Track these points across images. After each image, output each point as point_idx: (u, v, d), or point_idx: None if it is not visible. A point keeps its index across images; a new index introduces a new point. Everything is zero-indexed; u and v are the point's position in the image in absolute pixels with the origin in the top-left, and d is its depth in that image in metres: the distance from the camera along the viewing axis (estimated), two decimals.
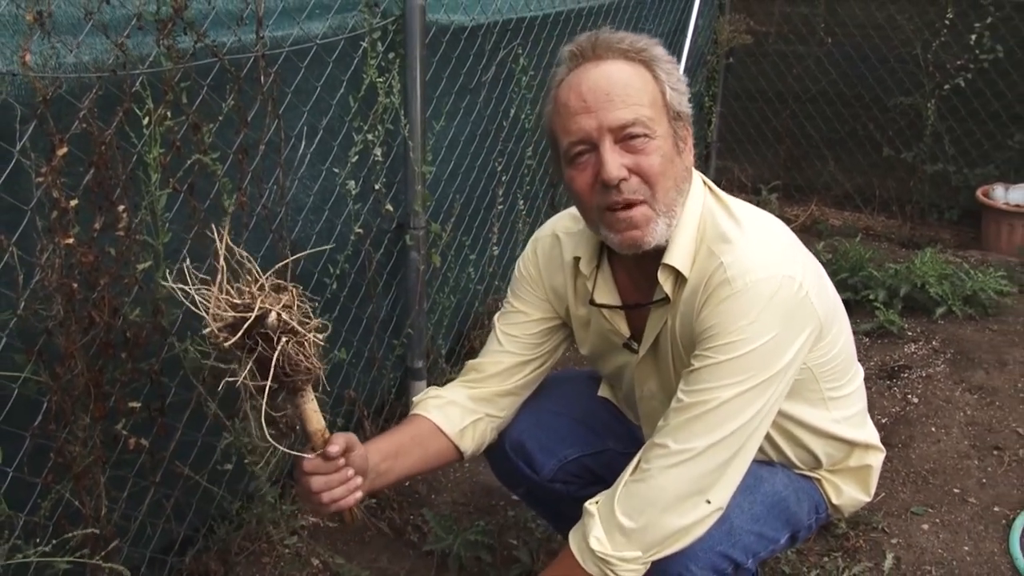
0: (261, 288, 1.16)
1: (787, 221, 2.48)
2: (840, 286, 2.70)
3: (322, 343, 1.20)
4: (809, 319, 1.35)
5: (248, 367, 1.15)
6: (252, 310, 1.12)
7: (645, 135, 1.33)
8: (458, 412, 1.58)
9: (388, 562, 2.11)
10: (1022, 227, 4.06)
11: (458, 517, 2.23)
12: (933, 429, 2.65)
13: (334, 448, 1.29)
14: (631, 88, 1.33)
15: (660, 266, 1.39)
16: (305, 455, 1.31)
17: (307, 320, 1.18)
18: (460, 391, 1.62)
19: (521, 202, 3.06)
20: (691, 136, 1.43)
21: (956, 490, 2.37)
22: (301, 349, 1.17)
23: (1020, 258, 3.93)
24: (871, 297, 3.37)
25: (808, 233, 4.35)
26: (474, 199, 2.81)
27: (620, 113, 1.32)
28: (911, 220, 4.43)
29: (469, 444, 1.57)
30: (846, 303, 1.72)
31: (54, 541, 1.52)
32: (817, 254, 2.38)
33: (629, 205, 1.34)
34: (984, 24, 4.01)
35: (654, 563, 1.34)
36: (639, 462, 1.37)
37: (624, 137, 1.32)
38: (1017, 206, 4.04)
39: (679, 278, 1.39)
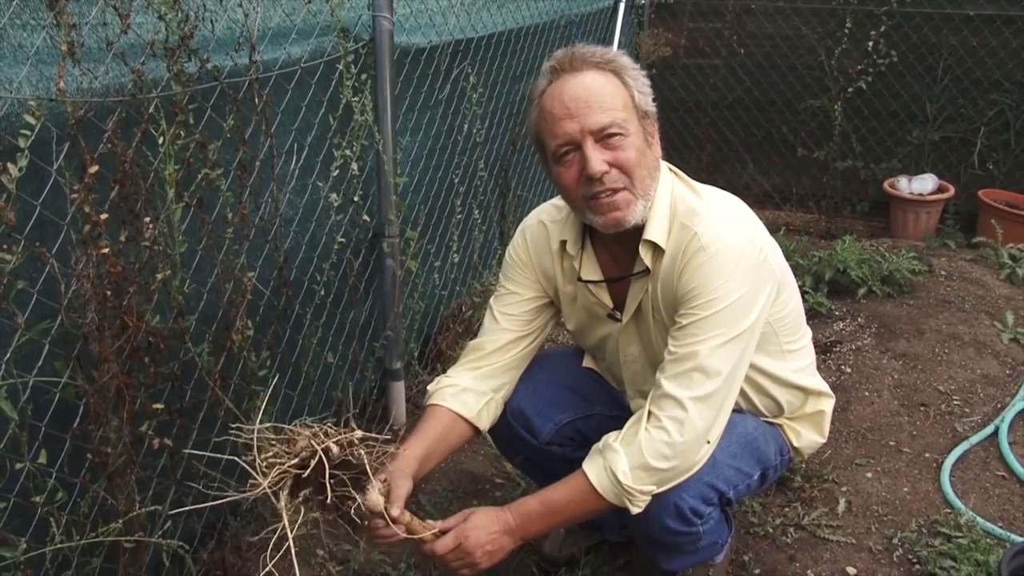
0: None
1: None
2: None
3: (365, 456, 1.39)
4: (769, 277, 1.59)
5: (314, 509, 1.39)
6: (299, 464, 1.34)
7: (620, 134, 1.54)
8: (472, 397, 1.76)
9: (389, 546, 2.25)
10: (925, 214, 4.45)
11: (451, 501, 2.39)
12: (867, 393, 2.94)
13: (400, 516, 1.49)
14: (605, 95, 1.55)
15: (641, 241, 1.61)
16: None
17: (347, 447, 1.36)
18: (466, 375, 1.79)
19: (476, 211, 3.25)
20: (657, 131, 1.66)
21: (892, 443, 2.65)
22: (350, 479, 1.36)
23: (925, 242, 4.31)
24: (799, 283, 3.65)
25: None
26: (436, 209, 2.99)
27: (598, 117, 1.53)
28: (827, 214, 4.79)
29: (486, 422, 1.77)
30: None
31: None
32: None
33: (613, 192, 1.55)
34: (879, 32, 4.41)
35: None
36: (652, 411, 1.56)
37: (603, 137, 1.54)
38: (920, 195, 4.42)
39: (657, 250, 1.61)
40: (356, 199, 2.39)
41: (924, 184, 4.45)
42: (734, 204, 1.67)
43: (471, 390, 1.76)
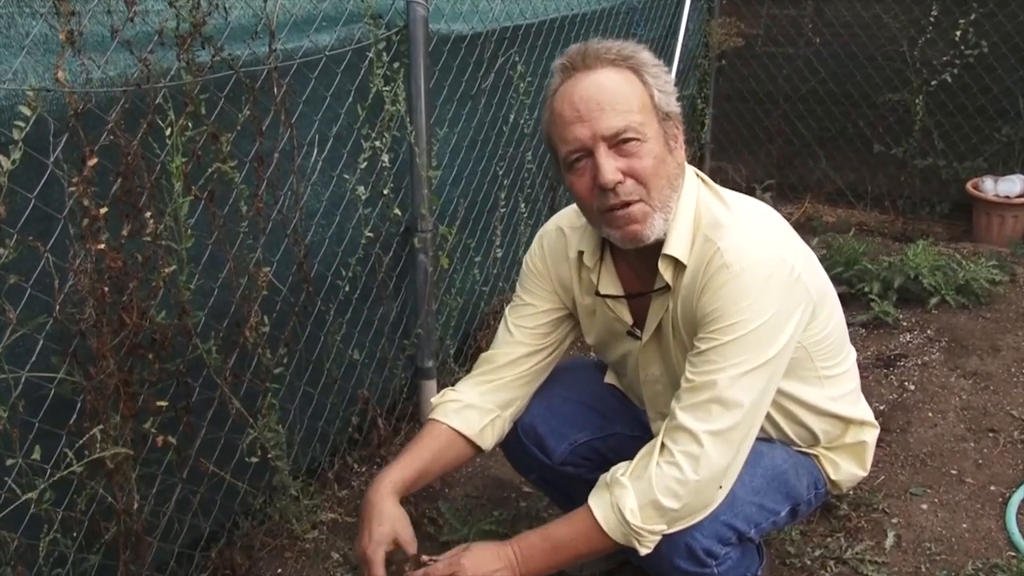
0: None
1: None
2: (835, 280, 2.75)
3: None
4: (803, 298, 1.43)
5: None
6: None
7: (636, 139, 1.40)
8: (475, 414, 1.66)
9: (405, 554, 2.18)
10: (1012, 218, 4.14)
11: (472, 509, 2.30)
12: (930, 414, 2.73)
13: None
14: (620, 96, 1.41)
15: (660, 256, 1.47)
16: None
17: None
18: (473, 390, 1.69)
19: (523, 205, 3.14)
20: (682, 133, 1.51)
21: (953, 471, 2.45)
22: None
23: (1011, 248, 4.01)
24: (866, 290, 3.44)
25: (803, 230, 4.41)
26: (477, 202, 2.89)
27: (612, 121, 1.39)
28: (903, 214, 4.50)
29: (488, 441, 1.67)
30: (841, 297, 1.79)
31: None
32: (812, 250, 2.45)
33: (627, 204, 1.42)
34: (968, 20, 4.10)
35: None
36: (665, 444, 1.43)
37: (617, 143, 1.40)
38: (1006, 198, 4.11)
39: (678, 266, 1.47)
40: (386, 192, 2.31)
41: (1012, 186, 4.13)
42: (765, 215, 1.51)
43: (475, 407, 1.65)
